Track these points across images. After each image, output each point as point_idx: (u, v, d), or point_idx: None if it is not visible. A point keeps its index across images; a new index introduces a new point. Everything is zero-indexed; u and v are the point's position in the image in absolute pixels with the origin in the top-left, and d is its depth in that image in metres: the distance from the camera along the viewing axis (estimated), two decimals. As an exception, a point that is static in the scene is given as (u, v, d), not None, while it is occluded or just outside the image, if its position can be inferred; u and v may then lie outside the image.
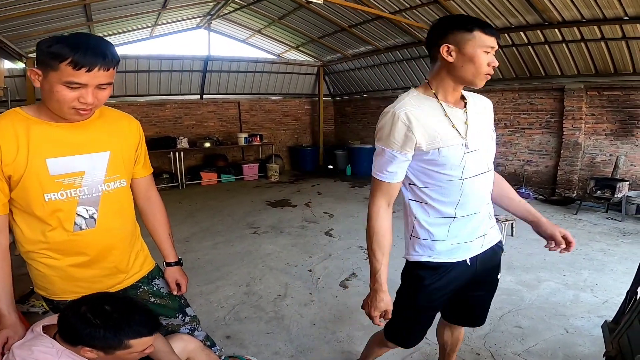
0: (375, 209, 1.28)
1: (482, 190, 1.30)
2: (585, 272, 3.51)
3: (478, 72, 1.17)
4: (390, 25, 7.19)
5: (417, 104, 1.22)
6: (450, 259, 1.30)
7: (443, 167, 1.21)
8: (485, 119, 1.35)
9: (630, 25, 4.95)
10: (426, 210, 1.29)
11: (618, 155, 5.65)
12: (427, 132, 1.19)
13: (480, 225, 1.33)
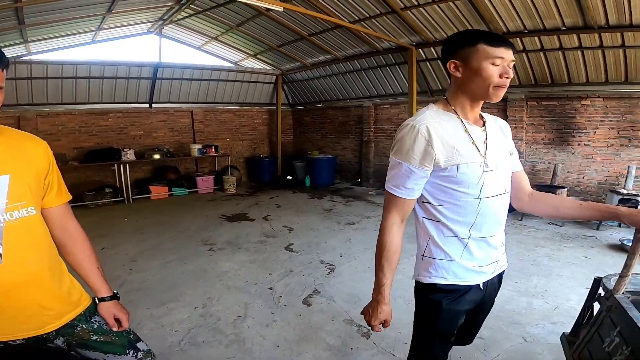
0: (388, 225, 1.24)
1: (498, 212, 1.27)
2: (534, 278, 3.68)
3: (487, 85, 1.15)
4: (350, 34, 7.31)
5: (437, 119, 1.20)
6: (466, 282, 1.27)
7: (460, 184, 1.19)
8: (503, 139, 1.34)
9: (567, 35, 5.37)
10: (441, 229, 1.25)
11: (556, 163, 6.13)
12: (446, 147, 1.16)
13: (494, 249, 1.31)
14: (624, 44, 5.06)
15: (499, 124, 1.37)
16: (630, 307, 1.20)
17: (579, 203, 1.33)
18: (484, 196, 1.20)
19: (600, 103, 5.76)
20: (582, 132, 5.96)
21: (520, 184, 1.40)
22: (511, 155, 1.34)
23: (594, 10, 4.67)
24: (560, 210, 1.35)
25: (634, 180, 5.23)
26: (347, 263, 4.16)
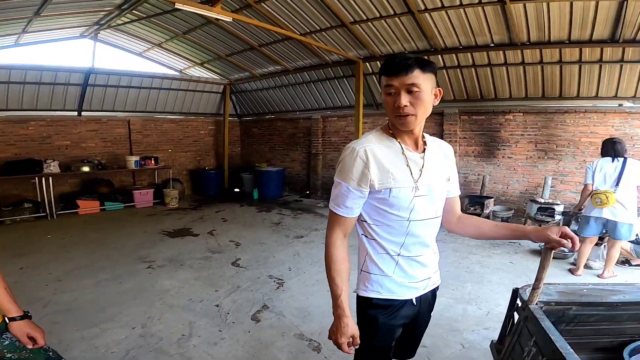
0: (332, 240, 1.29)
1: (426, 234, 1.33)
2: (468, 284, 3.92)
3: (389, 114, 1.23)
4: (300, 46, 7.40)
5: (378, 143, 1.25)
6: (399, 297, 1.33)
7: (392, 207, 1.25)
8: (444, 165, 1.38)
9: (495, 52, 5.92)
10: (375, 246, 1.32)
11: (484, 174, 6.71)
12: (382, 171, 1.22)
13: (425, 267, 1.38)
14: (542, 60, 5.73)
15: (443, 150, 1.41)
16: (543, 318, 1.29)
17: (495, 224, 1.43)
18: (413, 219, 1.27)
19: (521, 117, 6.44)
20: (506, 145, 6.61)
21: (453, 208, 1.48)
22: (448, 182, 1.39)
23: (519, 27, 5.23)
24: (481, 231, 1.44)
25: (550, 189, 5.91)
26: (295, 277, 4.12)
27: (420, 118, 1.22)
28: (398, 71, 1.16)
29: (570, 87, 5.95)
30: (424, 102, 1.19)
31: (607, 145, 3.93)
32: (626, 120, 5.63)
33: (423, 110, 1.21)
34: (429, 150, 1.33)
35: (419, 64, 1.18)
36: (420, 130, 1.30)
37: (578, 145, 5.95)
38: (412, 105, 1.18)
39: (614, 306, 1.43)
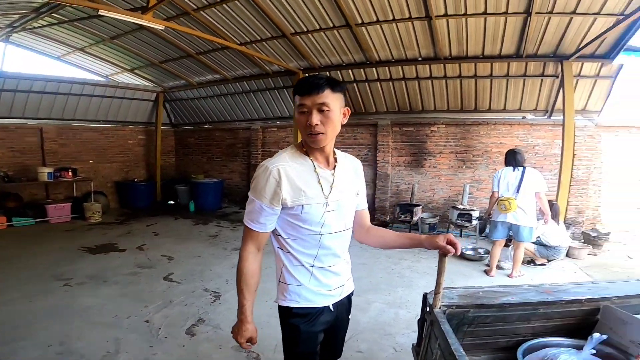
0: (245, 254, 1.36)
1: (338, 246, 1.42)
2: (399, 289, 4.11)
3: (302, 133, 1.31)
4: (240, 55, 7.30)
5: (291, 161, 1.32)
6: (317, 304, 1.41)
7: (305, 222, 1.32)
8: (353, 180, 1.47)
9: (422, 65, 6.38)
10: (290, 259, 1.39)
11: (413, 183, 7.23)
12: (294, 189, 1.28)
13: (338, 276, 1.46)
14: (460, 74, 6.34)
15: (354, 166, 1.51)
16: (444, 322, 1.39)
17: (397, 234, 1.56)
18: (324, 232, 1.35)
19: (444, 129, 7.07)
20: (432, 155, 7.21)
21: (362, 220, 1.58)
22: (357, 196, 1.49)
23: (442, 42, 5.73)
24: (385, 241, 1.56)
25: (468, 196, 6.55)
26: (233, 289, 4.00)
27: (330, 136, 1.31)
28: (310, 91, 1.24)
29: (483, 101, 6.70)
30: (333, 121, 1.28)
31: (509, 156, 4.38)
32: (529, 131, 6.51)
33: (332, 128, 1.29)
34: (340, 167, 1.41)
35: (330, 84, 1.26)
36: (331, 148, 1.39)
37: (490, 155, 6.72)
38: (323, 123, 1.26)
39: (504, 307, 1.59)
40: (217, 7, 5.77)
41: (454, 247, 1.35)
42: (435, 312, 1.49)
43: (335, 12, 5.46)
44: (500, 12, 4.85)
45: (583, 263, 5.05)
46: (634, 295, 1.61)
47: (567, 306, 1.61)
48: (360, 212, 1.57)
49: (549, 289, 1.70)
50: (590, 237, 5.61)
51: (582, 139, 6.09)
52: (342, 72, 7.13)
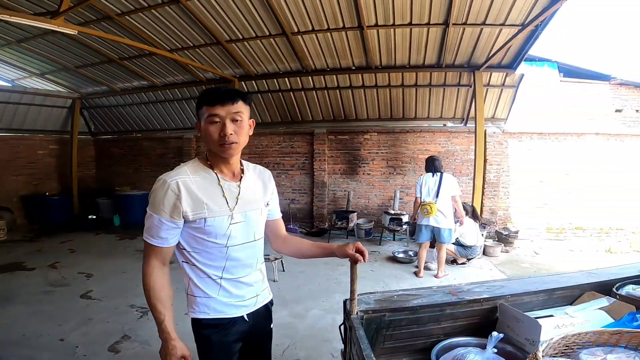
0: (149, 269, 1.30)
1: (248, 257, 1.41)
2: (337, 295, 4.15)
3: (212, 144, 1.27)
4: (171, 62, 6.91)
5: (192, 174, 1.29)
6: (228, 315, 1.39)
7: (209, 235, 1.30)
8: (262, 191, 1.46)
9: (355, 74, 6.57)
10: (196, 272, 1.35)
11: (349, 190, 7.43)
12: (195, 202, 1.26)
13: (250, 287, 1.44)
14: (389, 83, 6.64)
15: (263, 177, 1.50)
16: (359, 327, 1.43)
17: (312, 244, 1.60)
18: (231, 245, 1.34)
19: (376, 137, 7.38)
20: (365, 162, 7.48)
21: (276, 230, 1.61)
22: (267, 207, 1.49)
23: (373, 52, 5.96)
24: (301, 250, 1.60)
25: (399, 202, 6.91)
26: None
27: (242, 146, 1.32)
28: (224, 100, 1.24)
29: (410, 109, 7.13)
30: (245, 131, 1.30)
31: (429, 163, 4.73)
32: (449, 138, 7.08)
33: (244, 138, 1.31)
34: (246, 179, 1.41)
35: (242, 95, 1.29)
36: (237, 160, 1.39)
37: (417, 162, 7.16)
38: (236, 133, 1.27)
39: (415, 310, 1.67)
40: (145, 12, 5.42)
41: (362, 255, 1.42)
42: (352, 318, 1.52)
43: (272, 21, 5.43)
44: (424, 22, 5.20)
45: (497, 260, 5.59)
46: (525, 292, 1.77)
47: (469, 306, 1.73)
48: (274, 222, 1.59)
49: (453, 289, 1.82)
50: (503, 235, 6.24)
51: (492, 145, 6.79)
52: (279, 80, 7.12)
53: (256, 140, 8.15)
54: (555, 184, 6.85)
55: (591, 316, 1.57)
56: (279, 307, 3.82)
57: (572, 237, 6.74)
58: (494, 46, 5.51)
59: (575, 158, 6.80)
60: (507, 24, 5.00)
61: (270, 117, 8.07)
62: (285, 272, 4.83)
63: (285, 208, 7.93)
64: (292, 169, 7.95)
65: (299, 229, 7.70)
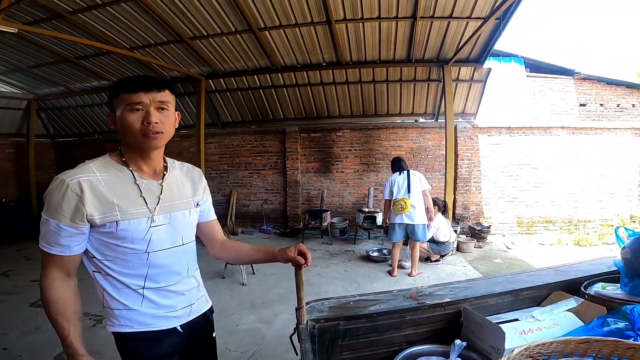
0: (48, 282, 1.14)
1: (176, 263, 1.27)
2: (308, 297, 3.88)
3: (133, 135, 1.13)
4: (132, 60, 6.56)
5: (100, 172, 1.14)
6: (156, 328, 1.24)
7: (124, 240, 1.15)
8: (191, 191, 1.34)
9: (325, 71, 6.43)
10: (112, 282, 1.20)
11: (323, 189, 7.29)
12: (103, 204, 1.11)
13: (182, 296, 1.31)
14: (360, 79, 6.54)
15: (192, 175, 1.38)
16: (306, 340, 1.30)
17: (252, 248, 1.48)
18: (152, 250, 1.20)
19: (349, 134, 7.28)
20: (338, 160, 7.35)
21: (211, 234, 1.47)
22: (197, 207, 1.36)
23: (343, 47, 5.84)
24: (240, 255, 1.49)
25: (373, 199, 6.82)
26: None
27: (167, 137, 1.18)
28: (149, 87, 1.12)
29: (382, 105, 7.07)
30: (172, 122, 1.18)
31: (395, 163, 4.74)
32: (420, 134, 7.05)
33: (170, 130, 1.18)
34: (171, 177, 1.28)
35: (169, 84, 1.19)
36: (160, 155, 1.25)
37: (390, 158, 6.90)
38: (162, 123, 1.14)
39: (373, 317, 1.52)
40: (99, 9, 5.07)
41: (304, 257, 1.30)
42: (301, 328, 1.37)
43: (237, 16, 5.21)
44: (392, 16, 5.13)
45: (471, 256, 5.58)
46: (489, 294, 1.66)
47: (431, 311, 1.60)
48: (208, 225, 1.46)
49: (414, 293, 1.69)
50: (476, 230, 6.26)
51: (463, 139, 6.82)
52: (248, 77, 6.90)
53: (227, 140, 7.90)
54: (524, 178, 6.95)
55: (559, 319, 1.47)
56: (246, 312, 3.67)
57: (542, 231, 6.85)
58: (461, 40, 5.50)
59: (542, 152, 6.90)
60: (473, 16, 4.99)
61: (241, 116, 7.83)
62: (256, 275, 4.68)
63: (258, 209, 7.72)
64: (265, 169, 7.74)
65: (273, 230, 7.51)
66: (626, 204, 6.88)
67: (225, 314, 3.64)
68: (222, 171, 7.98)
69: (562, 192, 6.91)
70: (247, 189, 7.82)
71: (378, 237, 6.67)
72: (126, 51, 5.89)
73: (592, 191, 6.89)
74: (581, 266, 2.00)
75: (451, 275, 4.77)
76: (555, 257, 5.47)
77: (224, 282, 4.53)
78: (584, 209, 6.92)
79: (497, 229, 6.87)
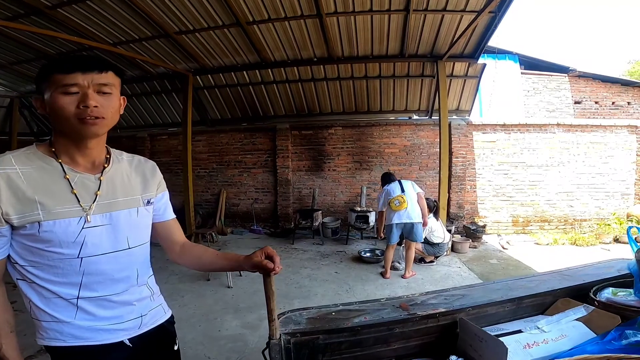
0: None
1: (116, 269, 1.10)
2: (296, 301, 3.85)
3: (65, 119, 0.96)
4: (115, 56, 6.26)
5: (20, 164, 0.98)
6: (95, 342, 1.09)
7: (49, 244, 0.99)
8: (139, 187, 1.17)
9: (317, 66, 6.23)
10: (39, 291, 1.04)
11: (314, 188, 7.09)
12: (22, 201, 0.96)
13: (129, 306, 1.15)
14: (352, 75, 6.36)
15: (143, 170, 1.20)
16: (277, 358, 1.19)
17: (216, 254, 1.32)
18: (87, 255, 1.04)
19: (341, 131, 7.10)
20: (330, 158, 7.17)
21: (170, 235, 1.31)
22: (148, 205, 1.19)
23: (334, 41, 5.66)
24: (202, 261, 1.31)
25: (366, 198, 6.64)
26: None
27: (109, 125, 1.03)
28: (87, 67, 0.96)
29: (374, 102, 6.89)
30: (115, 107, 1.03)
31: (385, 177, 4.76)
32: (414, 131, 6.89)
33: (114, 116, 1.03)
34: (114, 170, 1.12)
35: (113, 65, 1.03)
36: (101, 145, 1.08)
37: (383, 156, 6.93)
38: (103, 107, 0.99)
39: (357, 331, 1.36)
40: (80, 4, 4.87)
41: (272, 260, 1.12)
42: (272, 343, 1.19)
43: (224, 9, 5.01)
44: (384, 9, 4.96)
45: (465, 257, 5.42)
46: (489, 303, 1.49)
47: (423, 322, 1.42)
48: (165, 225, 1.29)
49: (404, 302, 1.51)
50: (470, 230, 6.10)
51: (458, 137, 6.67)
52: (237, 74, 6.70)
53: (216, 138, 7.70)
54: (519, 177, 6.82)
55: (567, 330, 1.30)
56: (230, 317, 3.48)
57: (538, 230, 6.73)
58: (455, 34, 5.34)
59: (537, 150, 6.78)
60: (468, 9, 4.84)
61: (230, 113, 7.62)
62: (243, 277, 4.49)
63: (248, 208, 7.52)
64: (255, 167, 7.53)
65: (263, 230, 7.30)
66: (623, 203, 6.78)
67: (207, 318, 3.45)
68: (211, 170, 7.77)
69: (558, 191, 6.79)
70: (237, 188, 7.61)
71: (371, 237, 6.49)
72: (109, 47, 5.68)
73: (587, 190, 6.78)
74: (588, 269, 1.84)
75: (446, 277, 4.61)
76: (551, 257, 5.33)
77: (209, 285, 4.34)
78: (580, 207, 6.81)
79: (492, 228, 6.73)
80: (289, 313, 1.47)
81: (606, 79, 9.24)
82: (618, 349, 1.08)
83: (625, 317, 1.29)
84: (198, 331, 3.23)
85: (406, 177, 6.78)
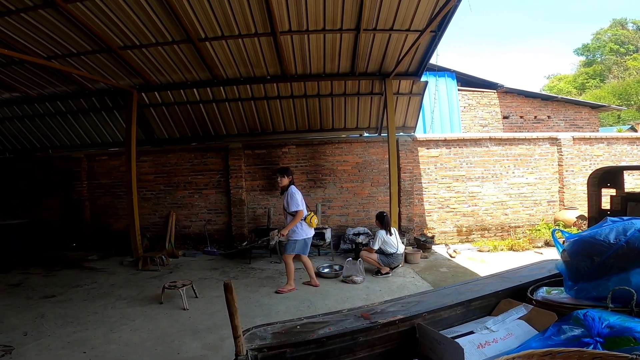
0: None
1: None
2: (257, 319, 3.68)
3: None
4: (49, 70, 5.86)
5: None
6: None
7: None
8: None
9: (270, 84, 6.22)
10: None
11: (269, 207, 7.02)
12: None
13: None
14: (305, 93, 6.46)
15: None
16: None
17: None
18: None
19: (295, 150, 7.15)
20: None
21: None
22: None
23: (288, 60, 5.71)
24: None
25: (321, 215, 6.71)
26: (34, 342, 3.40)
27: None
28: None
29: (327, 120, 7.07)
30: None
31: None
32: (365, 148, 7.15)
33: None
34: None
35: None
36: None
37: (336, 173, 7.09)
38: None
39: (322, 342, 1.39)
40: (13, 16, 4.50)
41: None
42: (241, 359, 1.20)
43: (175, 25, 4.88)
44: (337, 28, 5.12)
45: (418, 267, 5.67)
46: (442, 307, 1.60)
47: (384, 330, 1.49)
48: None
49: (365, 312, 1.57)
50: (421, 242, 6.41)
51: (405, 153, 7.05)
52: (187, 91, 6.53)
53: (163, 158, 7.36)
54: (460, 189, 7.33)
55: (512, 328, 1.43)
56: (189, 339, 3.30)
57: (479, 238, 7.23)
58: (401, 52, 5.66)
59: (474, 163, 7.36)
60: (412, 29, 5.15)
61: (179, 132, 7.36)
62: (199, 299, 4.30)
63: (200, 230, 7.22)
64: (206, 188, 7.29)
65: (218, 251, 7.03)
66: (550, 209, 7.55)
67: (164, 341, 3.26)
68: (159, 191, 7.37)
69: (494, 201, 7.40)
70: (188, 209, 7.29)
71: (328, 254, 6.54)
72: (42, 60, 5.29)
73: (518, 199, 7.47)
74: (523, 272, 2.04)
75: (402, 287, 4.76)
76: (493, 262, 5.76)
77: (162, 308, 4.10)
78: (513, 215, 7.46)
79: (440, 238, 7.13)
80: (254, 329, 1.47)
81: (529, 94, 10.39)
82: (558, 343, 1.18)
83: (560, 313, 1.42)
84: (154, 355, 3.02)
85: (359, 194, 7.06)
